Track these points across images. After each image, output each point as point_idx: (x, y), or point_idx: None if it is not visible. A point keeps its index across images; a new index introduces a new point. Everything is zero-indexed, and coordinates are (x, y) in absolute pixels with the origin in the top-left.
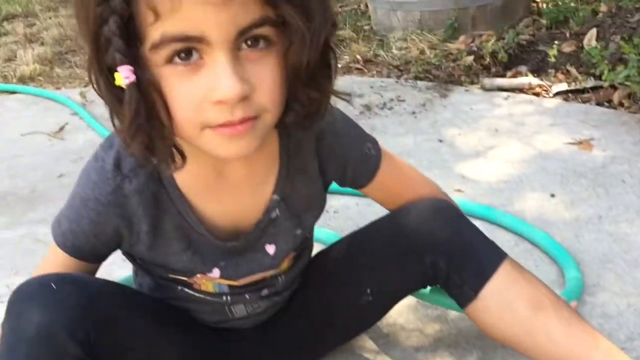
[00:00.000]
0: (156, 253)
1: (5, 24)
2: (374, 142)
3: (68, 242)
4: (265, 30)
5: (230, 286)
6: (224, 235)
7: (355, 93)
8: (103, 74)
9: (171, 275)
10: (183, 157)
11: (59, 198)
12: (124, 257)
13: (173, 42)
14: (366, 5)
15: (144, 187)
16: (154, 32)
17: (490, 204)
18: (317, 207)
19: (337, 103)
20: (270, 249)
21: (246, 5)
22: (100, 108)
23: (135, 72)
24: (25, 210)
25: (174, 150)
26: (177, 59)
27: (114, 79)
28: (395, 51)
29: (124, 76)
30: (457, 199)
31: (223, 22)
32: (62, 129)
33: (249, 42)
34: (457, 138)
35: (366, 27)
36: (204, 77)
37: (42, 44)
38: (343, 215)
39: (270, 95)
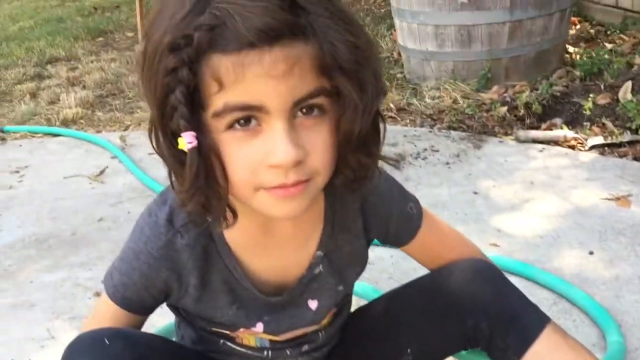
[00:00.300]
0: (202, 306)
1: (49, 67)
2: (416, 202)
3: (119, 294)
4: (319, 100)
5: (271, 341)
6: (268, 290)
7: (389, 142)
8: (167, 137)
9: (214, 329)
10: (235, 215)
11: (99, 242)
12: (164, 306)
13: (235, 111)
14: (399, 54)
15: (195, 242)
16: (217, 101)
17: (526, 259)
18: (360, 264)
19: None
20: (313, 304)
21: (303, 78)
22: (140, 152)
23: (196, 137)
24: (67, 254)
25: (227, 209)
26: (237, 125)
27: (177, 143)
28: (428, 100)
29: (187, 141)
30: (493, 254)
31: (282, 93)
32: (102, 172)
33: (304, 110)
34: (492, 190)
35: (399, 76)
36: (261, 142)
37: (84, 87)
38: (378, 267)
39: (322, 159)
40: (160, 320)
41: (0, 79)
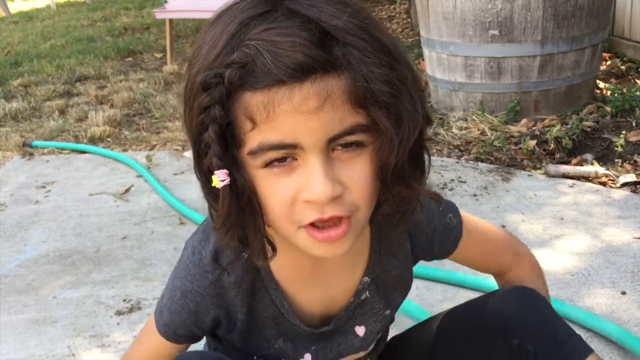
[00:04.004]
0: (249, 340)
1: (78, 84)
2: (454, 211)
3: (170, 332)
4: (356, 137)
5: None
6: (314, 322)
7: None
8: (202, 174)
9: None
10: (274, 249)
11: (122, 260)
12: None
13: (270, 150)
14: (426, 83)
15: (242, 279)
16: (252, 140)
17: (558, 297)
18: (405, 287)
19: None
20: (360, 330)
21: (337, 113)
22: (165, 172)
23: (231, 174)
24: (90, 270)
25: (266, 243)
26: (275, 162)
27: (211, 180)
28: (455, 130)
29: (219, 179)
30: None
31: (315, 130)
32: (127, 190)
33: (342, 145)
34: (521, 225)
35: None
36: (297, 177)
37: (112, 106)
38: None
39: (362, 194)
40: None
41: (31, 95)
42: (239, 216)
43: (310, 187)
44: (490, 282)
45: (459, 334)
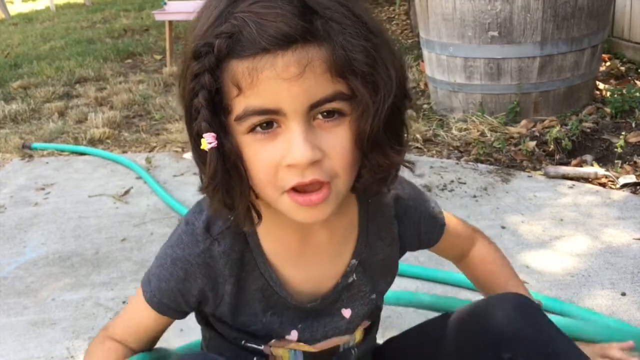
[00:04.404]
0: (238, 314)
1: (77, 86)
2: (435, 202)
3: (155, 299)
4: (337, 105)
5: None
6: (302, 299)
7: (415, 172)
8: (192, 138)
9: (247, 344)
10: (259, 216)
11: (122, 262)
12: (183, 327)
13: (254, 115)
14: (426, 85)
15: (231, 250)
16: (238, 106)
17: (557, 297)
18: (391, 273)
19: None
20: (347, 312)
21: (318, 81)
22: (164, 174)
23: (219, 138)
24: (89, 273)
25: (252, 209)
26: (258, 129)
27: (200, 143)
28: (455, 132)
29: (207, 142)
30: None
31: (296, 96)
32: (127, 192)
33: (324, 114)
34: (521, 226)
35: (425, 106)
36: (279, 143)
37: (112, 107)
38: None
39: (340, 161)
40: (178, 341)
41: (30, 96)
42: (224, 178)
43: (292, 151)
44: None
45: (448, 347)
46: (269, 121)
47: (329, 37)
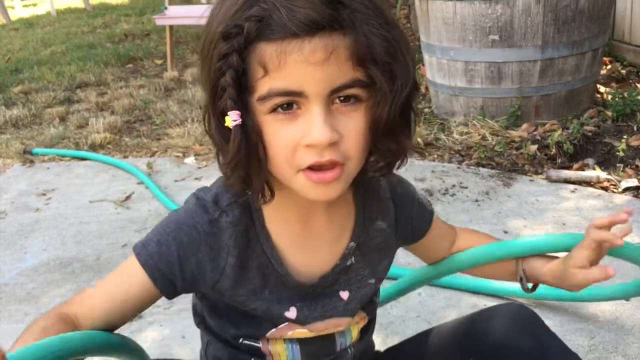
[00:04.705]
0: (238, 287)
1: (78, 91)
2: (422, 195)
3: (150, 262)
4: (355, 91)
5: (302, 354)
6: (302, 279)
7: (417, 176)
8: (216, 116)
9: (246, 342)
10: (272, 193)
11: None
12: (183, 335)
13: (278, 96)
14: (427, 88)
15: (238, 221)
16: (262, 87)
17: (559, 302)
18: (388, 258)
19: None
20: (344, 295)
21: (340, 68)
22: (166, 179)
23: (242, 117)
24: (90, 279)
25: (266, 187)
26: (279, 109)
27: (224, 121)
28: (456, 136)
29: (232, 119)
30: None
31: (320, 80)
32: (128, 197)
33: (341, 98)
34: (523, 230)
35: (426, 110)
36: (300, 124)
37: (113, 112)
38: (405, 305)
39: (355, 144)
40: (180, 349)
41: (31, 102)
42: (246, 156)
43: (311, 132)
44: (494, 285)
45: (447, 355)
46: (290, 102)
47: (354, 27)
